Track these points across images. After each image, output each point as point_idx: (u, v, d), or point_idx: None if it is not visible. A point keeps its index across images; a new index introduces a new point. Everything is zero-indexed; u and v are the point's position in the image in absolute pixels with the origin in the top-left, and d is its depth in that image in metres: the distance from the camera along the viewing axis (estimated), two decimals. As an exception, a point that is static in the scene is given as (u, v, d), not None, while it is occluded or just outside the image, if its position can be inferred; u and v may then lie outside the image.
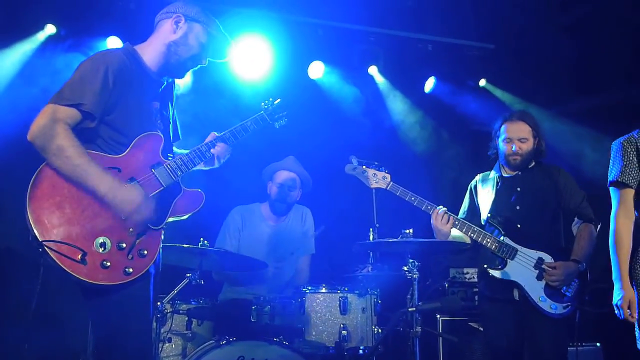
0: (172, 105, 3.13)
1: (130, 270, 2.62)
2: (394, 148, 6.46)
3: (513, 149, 4.07)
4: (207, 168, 3.20)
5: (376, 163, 4.13)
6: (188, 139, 3.33)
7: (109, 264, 2.58)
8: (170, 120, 3.10)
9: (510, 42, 6.33)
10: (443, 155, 6.72)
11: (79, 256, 2.53)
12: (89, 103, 2.66)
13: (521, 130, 4.09)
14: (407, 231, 3.87)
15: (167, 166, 2.83)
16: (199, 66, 3.05)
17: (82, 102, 2.65)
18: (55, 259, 2.49)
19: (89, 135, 2.73)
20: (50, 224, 2.53)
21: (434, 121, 6.71)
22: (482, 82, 6.71)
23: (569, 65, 6.00)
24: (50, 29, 5.50)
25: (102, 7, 5.50)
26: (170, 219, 2.86)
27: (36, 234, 2.51)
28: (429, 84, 6.63)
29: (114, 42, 5.53)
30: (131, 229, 2.65)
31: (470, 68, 6.57)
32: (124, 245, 2.63)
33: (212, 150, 3.06)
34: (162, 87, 3.01)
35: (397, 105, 6.60)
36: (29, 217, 2.52)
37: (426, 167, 6.64)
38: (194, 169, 3.09)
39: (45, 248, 2.49)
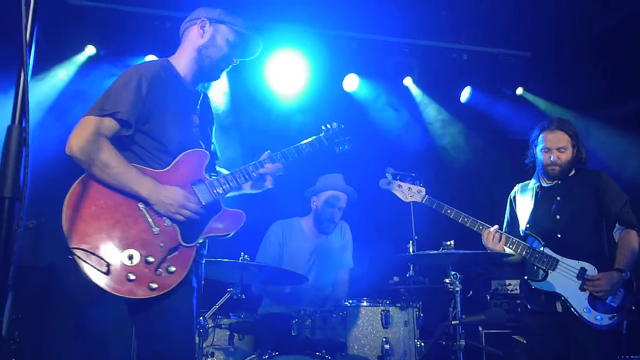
0: (211, 123, 3.14)
1: (155, 285, 2.59)
2: (430, 159, 6.45)
3: (552, 159, 4.01)
4: (255, 191, 3.14)
5: (413, 175, 4.11)
6: (223, 153, 3.31)
7: (133, 277, 2.57)
8: (213, 139, 3.10)
9: (547, 49, 6.25)
10: (480, 166, 6.65)
11: (105, 267, 2.54)
12: (124, 111, 2.69)
13: (560, 139, 4.01)
14: (448, 243, 3.84)
15: (208, 184, 2.82)
16: (230, 66, 3.06)
17: (118, 110, 2.69)
18: (82, 267, 2.51)
19: (126, 143, 2.77)
20: (82, 232, 2.55)
21: (470, 131, 6.66)
22: (519, 91, 6.63)
23: (606, 71, 5.90)
24: (90, 50, 5.62)
25: (139, 27, 5.61)
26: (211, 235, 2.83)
27: (67, 241, 2.54)
28: (465, 94, 6.57)
29: (152, 61, 5.62)
30: (162, 244, 2.64)
31: (506, 76, 6.50)
32: (152, 260, 2.62)
33: (260, 170, 2.99)
34: (200, 99, 3.02)
35: (433, 116, 6.57)
36: (63, 224, 2.55)
37: (463, 177, 6.58)
38: (240, 191, 3.10)
39: (75, 257, 2.51)
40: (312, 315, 4.15)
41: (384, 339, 4.06)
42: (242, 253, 4.07)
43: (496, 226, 3.91)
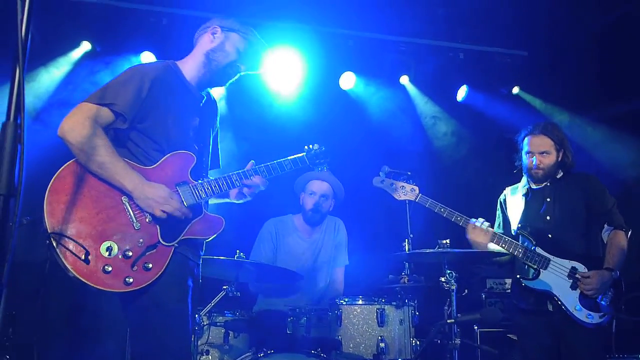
0: (213, 130, 3.15)
1: (131, 280, 2.58)
2: (426, 158, 6.46)
3: (534, 162, 4.06)
4: (238, 201, 3.15)
5: (409, 173, 4.11)
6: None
7: (110, 269, 2.55)
8: (210, 144, 3.11)
9: (543, 49, 6.27)
10: (476, 165, 6.64)
11: (83, 255, 2.52)
12: (121, 104, 2.70)
13: (543, 144, 4.06)
14: (444, 241, 3.85)
15: (192, 186, 2.82)
16: (238, 75, 3.07)
17: (115, 102, 2.69)
18: (59, 253, 2.49)
19: (121, 137, 2.77)
20: (62, 218, 2.53)
21: (466, 130, 6.67)
22: (516, 90, 6.63)
23: (603, 71, 5.91)
24: (85, 46, 5.59)
25: (135, 24, 5.60)
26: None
27: (47, 225, 2.51)
28: (461, 93, 6.58)
29: (147, 57, 5.61)
30: (141, 240, 2.63)
31: (503, 76, 6.51)
32: (130, 254, 2.61)
33: (244, 180, 2.99)
34: (203, 101, 3.03)
35: (429, 115, 6.57)
36: (45, 208, 2.53)
37: (459, 176, 6.58)
38: (224, 199, 3.11)
39: (52, 241, 2.49)
40: (307, 314, 4.15)
41: (379, 337, 4.07)
42: (238, 251, 4.08)
43: (481, 219, 3.93)
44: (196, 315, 3.91)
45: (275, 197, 5.21)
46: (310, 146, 3.24)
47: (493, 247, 3.98)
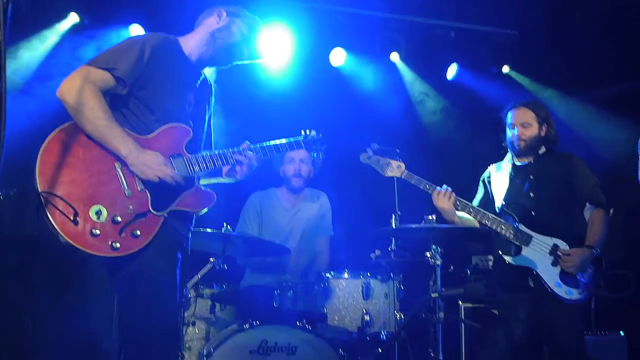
0: (208, 109, 3.17)
1: (118, 245, 2.59)
2: (415, 135, 6.45)
3: (515, 134, 4.11)
4: (227, 181, 3.17)
5: (398, 150, 4.14)
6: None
7: (98, 232, 2.56)
8: (205, 123, 3.13)
9: (534, 28, 6.25)
10: (464, 143, 6.68)
11: (72, 215, 2.53)
12: (122, 69, 2.72)
13: (524, 115, 4.12)
14: (430, 217, 3.88)
15: (186, 159, 2.84)
16: (239, 61, 3.11)
17: (116, 67, 2.71)
18: (48, 212, 2.50)
19: (118, 104, 2.78)
20: (54, 178, 2.54)
21: (455, 108, 6.67)
22: (506, 69, 6.64)
23: (594, 52, 5.92)
24: (73, 18, 5.54)
25: (125, -5, 5.54)
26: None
27: (37, 184, 2.52)
28: (452, 71, 6.58)
29: (136, 30, 5.57)
30: (131, 207, 2.64)
31: (493, 55, 6.50)
32: (119, 220, 2.61)
33: (237, 156, 3.00)
34: (200, 80, 3.05)
35: (419, 93, 6.58)
36: (37, 168, 2.54)
37: (447, 154, 6.60)
38: (216, 178, 3.14)
39: (42, 199, 2.50)
40: (294, 287, 4.19)
41: (364, 310, 4.13)
42: (225, 223, 4.10)
43: (445, 186, 3.98)
44: (184, 288, 3.94)
45: (260, 172, 5.26)
46: (307, 131, 3.27)
47: (463, 216, 4.05)
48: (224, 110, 5.55)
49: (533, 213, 3.99)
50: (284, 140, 3.16)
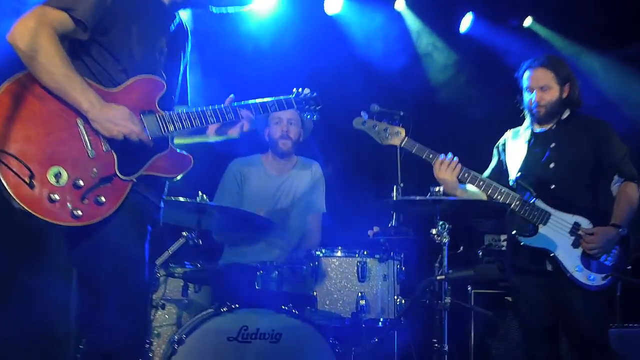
0: (184, 58, 3.13)
1: (79, 213, 2.56)
2: (420, 96, 6.45)
3: (533, 98, 4.09)
4: (218, 138, 3.19)
5: (401, 113, 4.15)
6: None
7: (57, 197, 2.54)
8: (180, 75, 3.10)
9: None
10: (478, 106, 6.63)
11: (27, 178, 2.49)
12: (82, 10, 2.65)
13: (542, 77, 4.09)
14: (437, 189, 3.88)
15: (159, 117, 2.81)
16: (221, 8, 3.09)
17: (75, 7, 2.64)
18: (0, 172, 2.48)
19: (79, 51, 2.73)
20: (7, 135, 2.50)
21: (468, 65, 6.67)
22: (528, 22, 6.62)
23: (626, 5, 5.92)
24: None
25: None
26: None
27: None
28: (465, 23, 6.56)
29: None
30: (95, 170, 2.62)
31: (514, 4, 6.48)
32: (82, 184, 2.59)
33: (238, 112, 3.01)
34: (175, 23, 3.01)
35: (427, 47, 6.55)
36: None
37: (457, 119, 6.63)
38: (197, 137, 3.13)
39: None
40: (279, 267, 4.20)
41: (359, 294, 4.14)
42: (200, 192, 4.10)
43: (450, 154, 3.99)
44: (152, 266, 3.94)
45: (242, 137, 5.26)
46: (299, 89, 3.27)
47: (470, 190, 4.07)
48: (201, 65, 5.53)
49: (552, 187, 4.01)
50: (272, 99, 3.15)
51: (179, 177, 2.88)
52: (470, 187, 4.06)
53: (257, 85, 4.42)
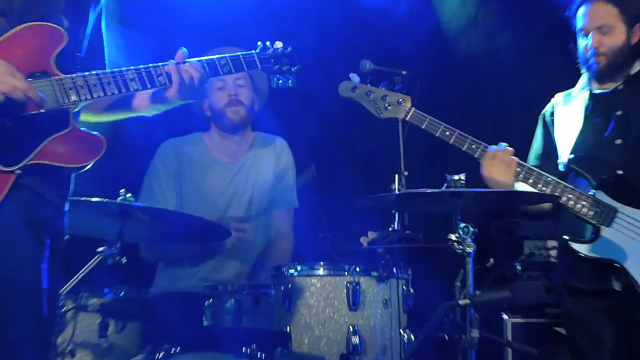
0: (95, 6, 3.15)
1: None
2: (430, 47, 6.51)
3: (589, 44, 4.13)
4: (145, 113, 3.26)
5: (404, 73, 4.28)
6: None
7: None
8: (89, 26, 3.11)
9: None
10: (511, 60, 6.72)
11: None
12: None
13: (602, 14, 4.13)
14: (456, 177, 3.87)
15: (56, 82, 2.82)
16: None
17: None
18: None
19: None
20: None
21: (495, 3, 6.69)
22: None
23: None
24: None
25: None
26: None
27: None
28: None
29: None
30: None
31: None
32: None
33: (163, 69, 3.05)
34: None
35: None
36: None
37: (481, 80, 6.69)
38: (115, 114, 3.21)
39: None
40: (236, 292, 4.22)
41: (350, 328, 4.13)
42: (123, 190, 4.12)
43: (504, 144, 4.04)
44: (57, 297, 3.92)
45: (179, 115, 5.25)
46: (267, 43, 3.31)
47: (524, 188, 4.09)
48: (131, 14, 5.49)
49: (619, 172, 4.04)
50: (225, 55, 3.22)
51: (87, 167, 2.89)
52: (521, 186, 4.09)
53: (205, 39, 4.38)
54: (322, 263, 4.28)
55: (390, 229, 4.56)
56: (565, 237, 4.07)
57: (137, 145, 4.96)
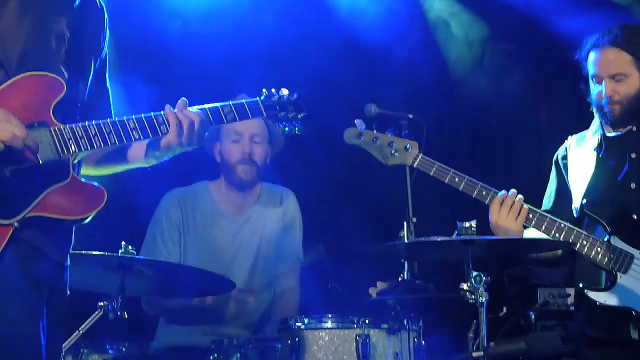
0: (97, 54, 3.14)
1: None
2: (436, 89, 6.46)
3: (604, 92, 4.10)
4: (142, 165, 3.19)
5: (410, 116, 4.28)
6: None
7: None
8: (91, 74, 3.08)
9: None
10: (522, 103, 6.69)
11: None
12: None
13: (616, 61, 4.11)
14: (467, 225, 3.85)
15: (56, 131, 2.80)
16: None
17: None
18: None
19: None
20: None
21: (502, 42, 6.69)
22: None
23: None
24: None
25: None
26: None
27: None
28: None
29: None
30: None
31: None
32: None
33: (164, 117, 3.00)
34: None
35: (441, 14, 6.58)
36: None
37: (493, 124, 6.64)
38: (113, 166, 3.17)
39: None
40: (241, 346, 4.19)
41: (361, 383, 4.14)
42: (123, 243, 4.09)
43: (513, 191, 4.00)
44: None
45: (182, 160, 5.24)
46: (272, 90, 3.27)
47: (535, 235, 4.06)
48: (132, 64, 5.50)
49: (635, 217, 4.02)
50: (229, 103, 3.16)
51: (88, 219, 2.84)
52: (532, 232, 4.06)
53: (208, 87, 4.35)
54: (330, 315, 4.28)
55: (400, 278, 4.54)
56: (581, 284, 4.03)
57: (139, 195, 4.94)
